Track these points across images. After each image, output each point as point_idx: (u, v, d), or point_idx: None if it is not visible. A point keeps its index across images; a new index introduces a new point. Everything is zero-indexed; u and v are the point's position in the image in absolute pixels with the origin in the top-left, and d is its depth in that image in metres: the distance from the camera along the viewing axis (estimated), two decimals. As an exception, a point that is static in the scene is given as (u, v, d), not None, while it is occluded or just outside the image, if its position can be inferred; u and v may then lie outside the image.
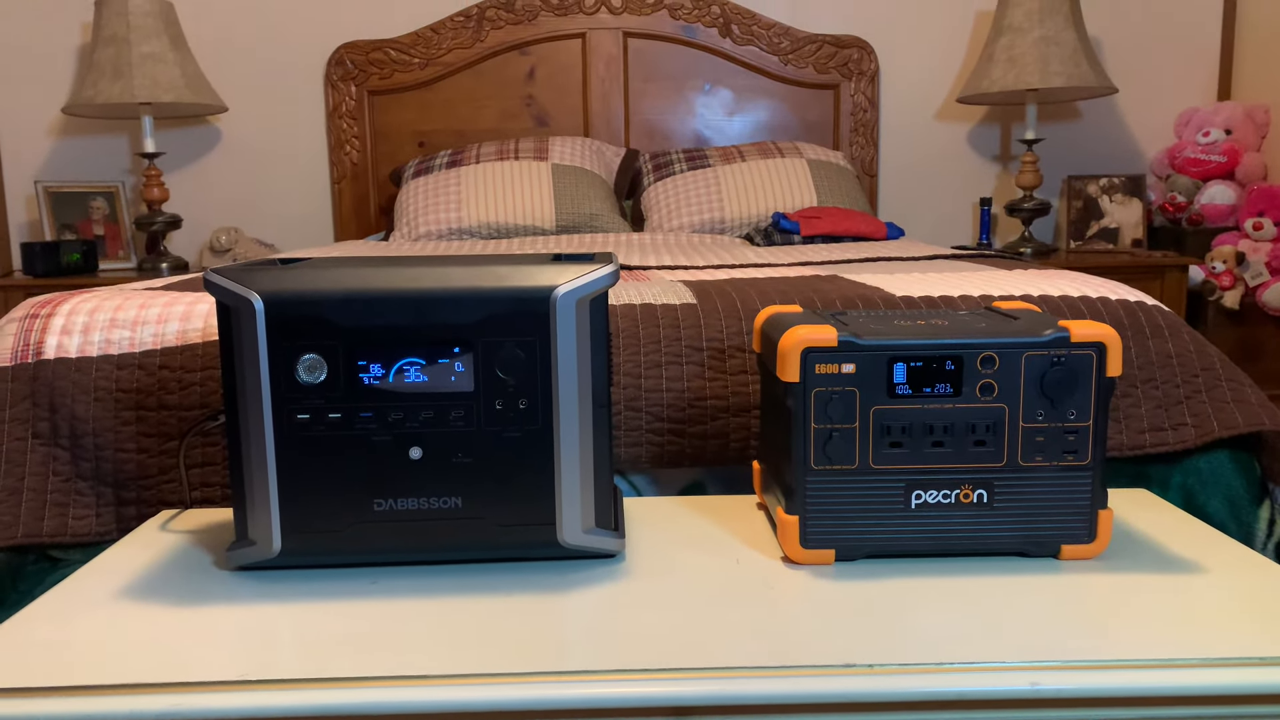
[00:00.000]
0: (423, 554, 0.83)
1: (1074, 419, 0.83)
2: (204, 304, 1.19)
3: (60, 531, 1.08)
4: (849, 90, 2.97)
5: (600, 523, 0.84)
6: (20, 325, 1.17)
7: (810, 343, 0.81)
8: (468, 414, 0.81)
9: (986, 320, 0.88)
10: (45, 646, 0.70)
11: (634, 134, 2.99)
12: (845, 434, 0.82)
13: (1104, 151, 3.09)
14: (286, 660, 0.68)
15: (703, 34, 2.95)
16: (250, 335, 0.79)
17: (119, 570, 0.85)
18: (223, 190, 3.02)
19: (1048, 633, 0.71)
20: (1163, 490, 1.15)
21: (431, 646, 0.70)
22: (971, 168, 3.09)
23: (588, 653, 0.69)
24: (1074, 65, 2.66)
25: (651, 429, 1.12)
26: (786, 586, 0.80)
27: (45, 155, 2.96)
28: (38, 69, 2.92)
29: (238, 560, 0.83)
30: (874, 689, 0.65)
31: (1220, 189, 2.82)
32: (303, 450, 0.80)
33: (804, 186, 2.61)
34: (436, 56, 2.94)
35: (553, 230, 2.52)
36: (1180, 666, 0.66)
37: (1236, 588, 0.79)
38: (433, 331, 0.80)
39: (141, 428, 1.11)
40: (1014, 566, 0.83)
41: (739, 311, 1.18)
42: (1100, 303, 1.22)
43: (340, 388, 0.80)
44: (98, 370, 1.12)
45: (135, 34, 2.61)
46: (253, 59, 2.96)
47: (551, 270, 0.81)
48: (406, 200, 2.62)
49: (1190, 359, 1.18)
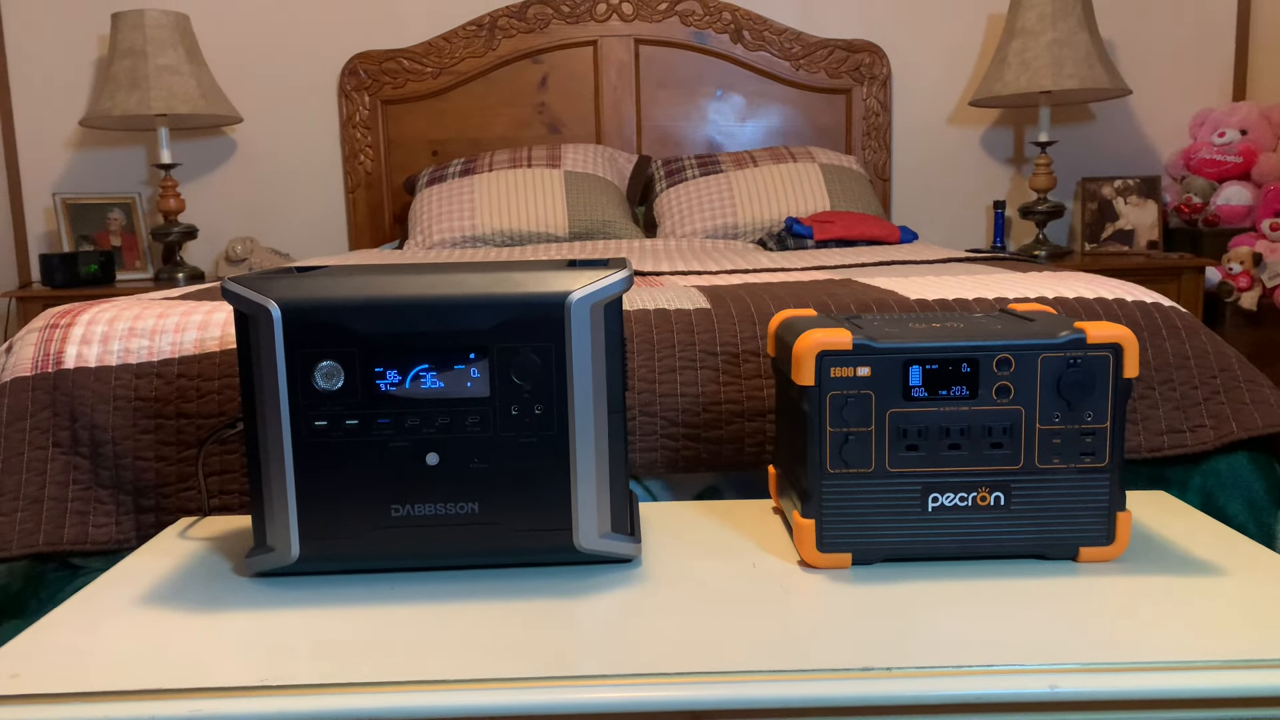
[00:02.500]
0: (440, 559, 0.84)
1: (1091, 421, 0.82)
2: (221, 313, 1.20)
3: (81, 539, 1.09)
4: (861, 95, 2.97)
5: (616, 527, 0.84)
6: (40, 335, 1.18)
7: (825, 346, 0.81)
8: (484, 420, 0.81)
9: (1002, 322, 0.88)
10: (68, 652, 0.71)
11: (646, 140, 3.00)
12: (861, 437, 0.82)
13: (1118, 153, 3.08)
14: (305, 665, 0.68)
15: (714, 40, 2.95)
16: (268, 343, 0.79)
17: (139, 577, 0.86)
18: (238, 200, 3.04)
19: (1066, 635, 0.70)
20: (1181, 493, 1.14)
21: (448, 651, 0.70)
22: (985, 171, 3.09)
23: (604, 657, 0.69)
24: (1087, 67, 2.65)
25: (666, 434, 1.12)
26: (803, 590, 0.80)
27: (63, 167, 2.99)
28: (55, 82, 2.95)
29: (256, 566, 0.83)
30: (892, 692, 0.65)
31: (1236, 190, 2.81)
32: (320, 457, 0.81)
33: (817, 191, 2.61)
34: (449, 65, 2.95)
35: (566, 237, 2.53)
36: (1200, 669, 0.66)
37: (1257, 590, 0.78)
38: (449, 338, 0.80)
39: (160, 436, 1.12)
40: (1032, 569, 0.83)
41: (753, 316, 1.18)
42: (1116, 304, 1.21)
43: (357, 394, 0.80)
44: (117, 379, 1.13)
45: (151, 46, 2.63)
46: (267, 70, 2.98)
47: (566, 276, 0.81)
48: (420, 209, 2.63)
49: (1208, 360, 1.17)
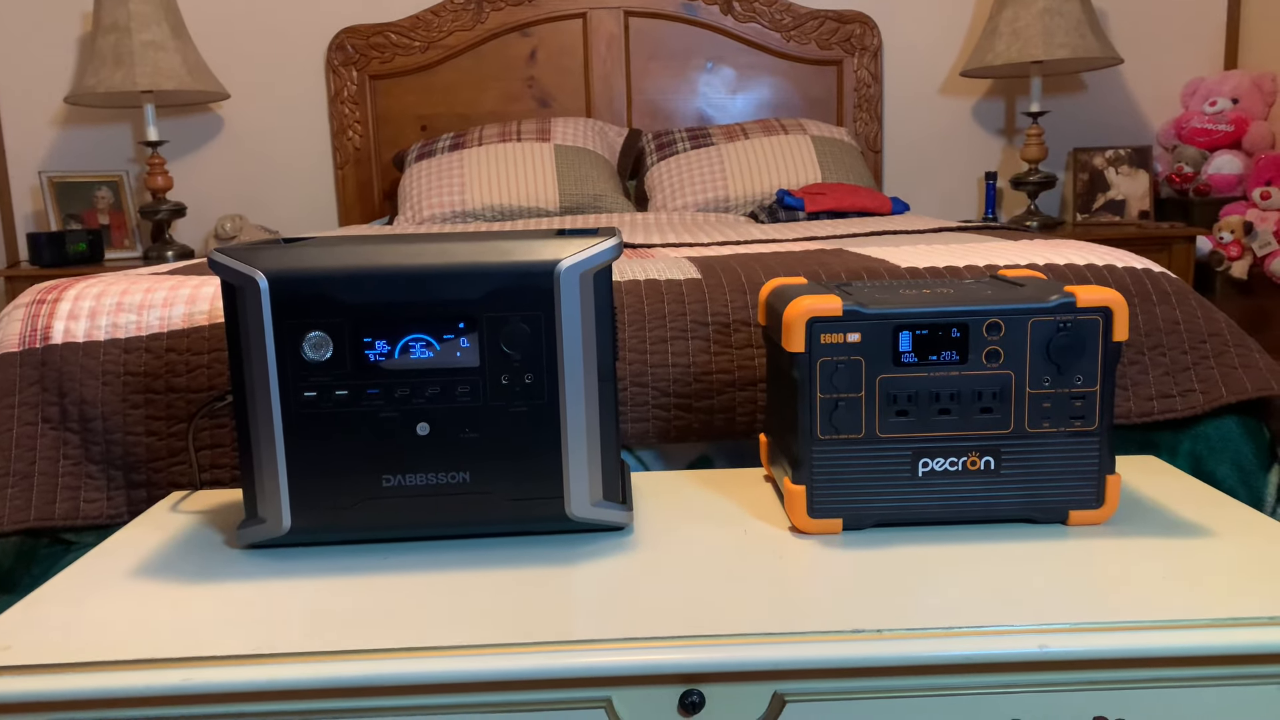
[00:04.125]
0: (431, 529, 0.84)
1: (1081, 384, 0.83)
2: (209, 287, 1.19)
3: (72, 515, 1.09)
4: (852, 66, 2.96)
5: (608, 495, 0.84)
6: (27, 311, 1.17)
7: (815, 312, 0.81)
8: (474, 389, 0.81)
9: (992, 288, 0.88)
10: (60, 625, 0.71)
11: (636, 114, 2.98)
12: (851, 403, 0.82)
13: (1110, 123, 3.07)
14: (297, 634, 0.68)
15: (704, 12, 2.93)
16: (256, 314, 0.79)
17: (131, 550, 0.86)
18: (226, 178, 3.02)
19: (1056, 596, 0.71)
20: (1171, 457, 1.15)
21: (441, 619, 0.70)
22: (976, 142, 3.08)
23: (597, 622, 0.69)
24: (1078, 36, 2.64)
25: (658, 404, 1.12)
26: (795, 555, 0.80)
27: (49, 146, 2.96)
28: (40, 59, 2.92)
29: (248, 538, 0.83)
30: (883, 653, 0.65)
31: (1227, 159, 2.80)
32: (310, 428, 0.81)
33: (808, 163, 2.60)
34: (437, 39, 2.92)
35: (556, 211, 2.52)
36: (1188, 627, 0.66)
37: (1244, 550, 0.79)
38: (438, 308, 0.80)
39: (150, 411, 1.11)
40: (1022, 533, 0.83)
41: (744, 286, 1.18)
42: (1107, 270, 1.21)
43: (346, 365, 0.80)
44: (105, 354, 1.13)
45: (135, 22, 2.60)
46: (253, 45, 2.95)
47: (555, 244, 0.81)
48: (410, 184, 2.61)
49: (1198, 325, 1.17)
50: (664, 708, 0.66)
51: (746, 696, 0.66)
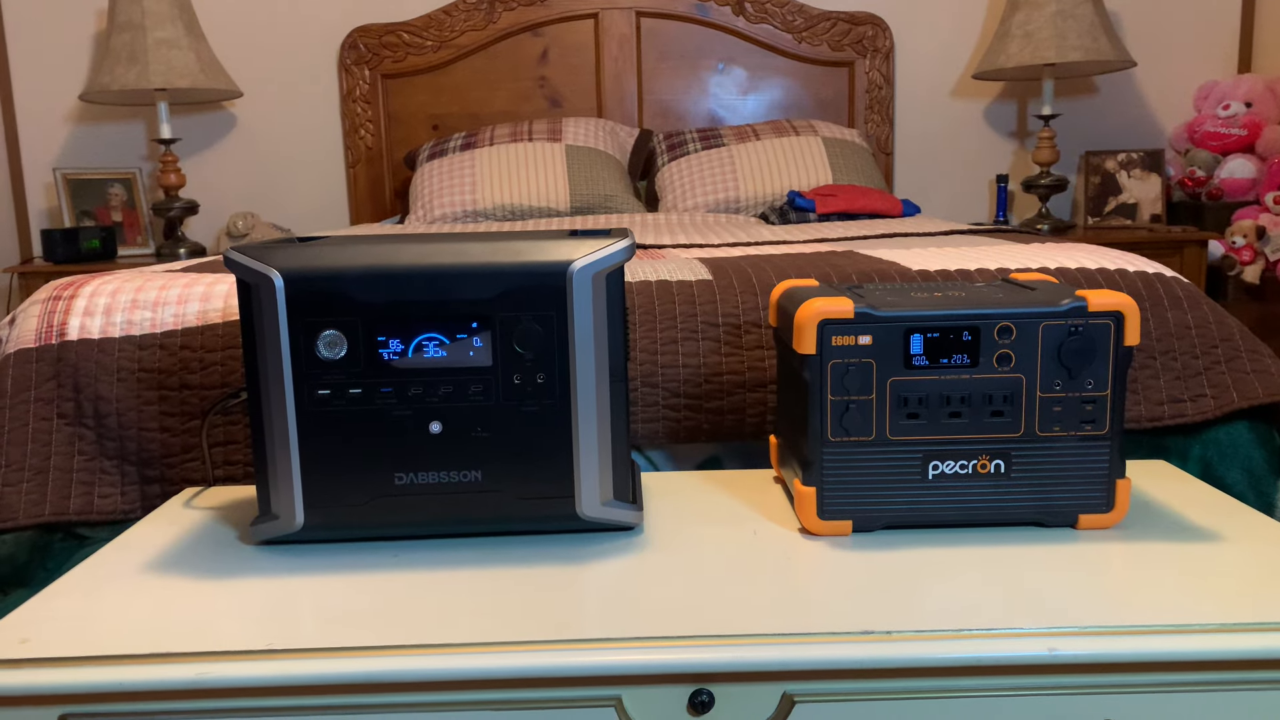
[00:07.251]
0: (443, 527, 0.84)
1: (1091, 388, 0.83)
2: (223, 284, 1.20)
3: (86, 510, 1.10)
4: (864, 67, 2.95)
5: (619, 495, 0.85)
6: (44, 307, 1.18)
7: (827, 315, 0.81)
8: (486, 388, 0.82)
9: (1003, 291, 0.88)
10: (75, 618, 0.72)
11: (647, 114, 2.98)
12: (862, 405, 0.83)
13: (1122, 126, 3.06)
14: (310, 630, 0.69)
15: (716, 12, 2.93)
16: (271, 312, 0.79)
17: (145, 545, 0.87)
18: (239, 175, 3.03)
19: (1065, 600, 0.71)
20: (1182, 462, 1.15)
21: (452, 617, 0.71)
22: (988, 144, 3.07)
23: (608, 621, 0.69)
24: (1091, 39, 2.63)
25: (668, 405, 1.12)
26: (804, 557, 0.80)
27: (63, 143, 2.98)
28: (54, 57, 2.94)
29: (261, 534, 0.84)
30: (892, 655, 0.65)
31: (1240, 163, 2.79)
32: (324, 425, 0.81)
33: (819, 164, 2.60)
34: (449, 39, 2.93)
35: (567, 212, 2.52)
36: (1197, 632, 0.66)
37: (1254, 555, 0.79)
38: (451, 307, 0.80)
39: (164, 407, 1.12)
40: (1031, 536, 0.83)
41: (755, 287, 1.18)
42: (1118, 274, 1.21)
43: (360, 363, 0.81)
44: (120, 351, 1.13)
45: (150, 20, 2.62)
46: (267, 44, 2.97)
47: (568, 245, 0.81)
48: (421, 183, 2.62)
49: (1209, 330, 1.17)
50: (673, 707, 0.66)
51: (756, 696, 0.66)
